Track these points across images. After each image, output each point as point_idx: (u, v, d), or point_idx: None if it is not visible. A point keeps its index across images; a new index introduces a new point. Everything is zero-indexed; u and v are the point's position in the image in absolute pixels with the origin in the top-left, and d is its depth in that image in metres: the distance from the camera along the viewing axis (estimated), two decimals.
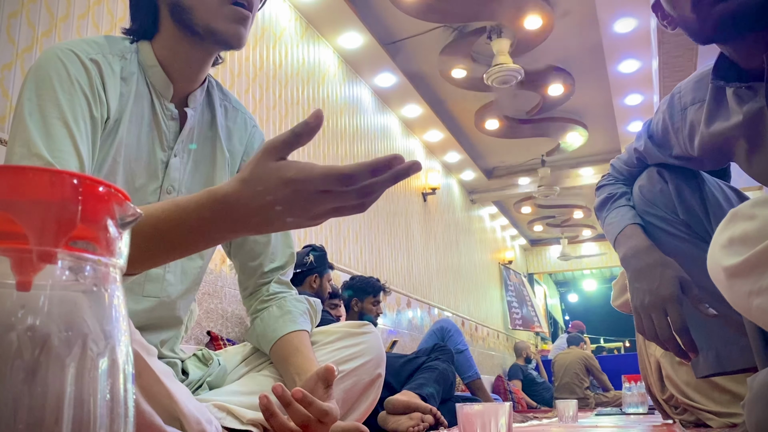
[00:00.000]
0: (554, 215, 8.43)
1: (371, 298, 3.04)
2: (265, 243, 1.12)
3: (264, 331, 1.08)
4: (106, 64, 0.92)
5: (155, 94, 0.98)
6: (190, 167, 1.02)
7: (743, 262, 0.74)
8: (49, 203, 0.27)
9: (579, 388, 5.56)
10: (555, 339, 8.97)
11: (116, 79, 0.93)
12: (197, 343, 2.33)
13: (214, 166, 1.06)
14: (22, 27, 1.86)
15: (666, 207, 1.27)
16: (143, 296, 0.97)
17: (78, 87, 0.87)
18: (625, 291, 2.12)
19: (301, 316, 1.10)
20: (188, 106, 1.01)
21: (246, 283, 1.14)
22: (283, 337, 1.05)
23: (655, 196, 1.29)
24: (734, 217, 0.80)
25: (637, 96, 4.87)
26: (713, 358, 1.21)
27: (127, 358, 0.30)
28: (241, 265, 1.14)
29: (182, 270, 1.03)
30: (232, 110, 1.12)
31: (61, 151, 0.82)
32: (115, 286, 0.30)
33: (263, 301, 1.12)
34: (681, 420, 1.89)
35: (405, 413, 2.08)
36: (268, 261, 1.12)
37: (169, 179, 0.99)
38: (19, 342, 0.26)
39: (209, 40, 0.95)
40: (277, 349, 1.05)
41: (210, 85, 1.08)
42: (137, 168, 0.95)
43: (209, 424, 0.81)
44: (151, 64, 0.98)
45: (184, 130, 1.01)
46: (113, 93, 0.92)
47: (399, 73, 4.31)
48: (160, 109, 0.98)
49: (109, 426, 0.28)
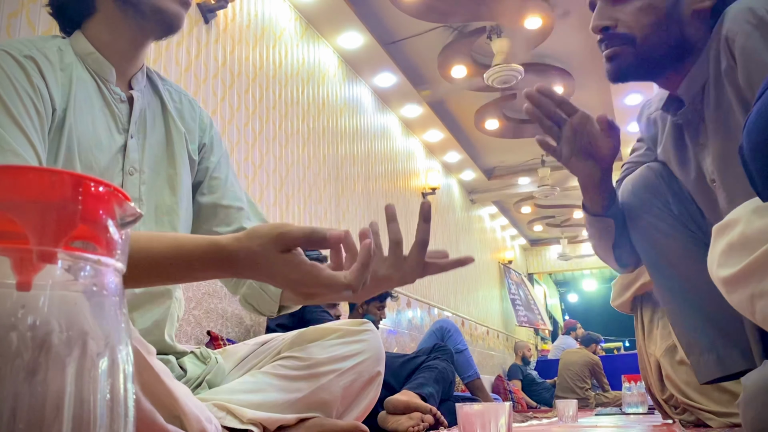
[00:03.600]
0: (554, 215, 8.43)
1: (377, 303, 3.04)
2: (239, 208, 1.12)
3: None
4: (42, 58, 0.91)
5: (99, 79, 0.99)
6: (148, 147, 1.04)
7: (744, 268, 0.75)
8: (49, 203, 0.27)
9: (580, 388, 5.56)
10: (555, 339, 8.96)
11: (55, 70, 0.93)
12: (197, 342, 2.33)
13: (171, 143, 1.08)
14: (22, 27, 1.86)
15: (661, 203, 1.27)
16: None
17: (18, 85, 0.86)
18: (624, 291, 2.13)
19: None
20: (133, 89, 1.03)
21: None
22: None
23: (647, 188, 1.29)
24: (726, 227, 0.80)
25: (637, 96, 4.87)
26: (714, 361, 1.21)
27: (127, 357, 0.30)
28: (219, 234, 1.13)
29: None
30: (175, 93, 1.14)
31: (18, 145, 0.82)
32: (115, 285, 0.30)
33: None
34: (681, 420, 1.89)
35: (405, 413, 2.08)
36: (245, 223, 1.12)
37: (130, 160, 1.00)
38: (19, 342, 0.26)
39: (153, 18, 0.96)
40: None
41: (149, 71, 1.10)
42: (98, 153, 0.95)
43: (209, 423, 0.81)
44: (88, 52, 0.98)
45: (134, 112, 1.02)
46: (54, 84, 0.91)
47: (399, 73, 4.31)
48: (108, 94, 0.99)
49: (109, 426, 0.28)
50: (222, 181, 1.14)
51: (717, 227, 0.83)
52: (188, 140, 1.11)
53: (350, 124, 4.12)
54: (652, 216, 1.28)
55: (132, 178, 1.00)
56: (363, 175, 4.22)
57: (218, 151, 1.17)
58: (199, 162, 1.14)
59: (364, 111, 4.38)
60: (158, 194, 1.04)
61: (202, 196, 1.13)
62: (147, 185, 1.02)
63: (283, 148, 3.20)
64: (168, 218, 1.04)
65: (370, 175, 4.36)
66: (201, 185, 1.13)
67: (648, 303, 2.09)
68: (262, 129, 3.03)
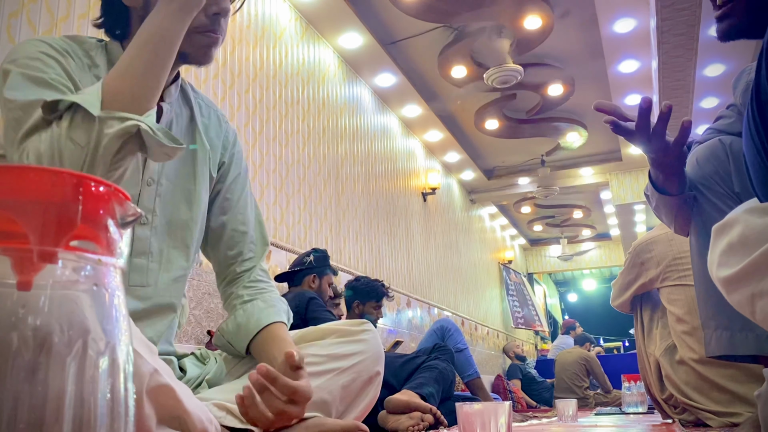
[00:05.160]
0: (554, 215, 8.43)
1: (374, 303, 3.04)
2: (243, 232, 1.16)
3: (247, 321, 1.09)
4: (76, 57, 0.93)
5: None
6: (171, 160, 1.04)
7: (744, 268, 0.75)
8: (49, 203, 0.27)
9: (578, 387, 5.56)
10: (555, 339, 8.97)
11: (84, 72, 0.94)
12: (197, 342, 2.34)
13: (195, 158, 1.08)
14: (23, 27, 1.86)
15: (721, 180, 1.24)
16: (129, 285, 0.97)
17: (59, 64, 0.89)
18: (624, 291, 2.13)
19: (285, 312, 1.13)
20: (164, 101, 1.03)
21: (224, 273, 1.17)
22: (269, 326, 1.08)
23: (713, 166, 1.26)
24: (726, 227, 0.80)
25: (637, 96, 4.86)
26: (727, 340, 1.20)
27: (128, 357, 0.30)
28: (221, 256, 1.16)
29: (167, 259, 1.03)
30: (205, 107, 1.15)
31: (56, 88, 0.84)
32: (115, 285, 0.30)
33: (246, 287, 1.14)
34: (680, 419, 1.89)
35: (405, 413, 2.08)
36: (246, 249, 1.16)
37: (149, 171, 1.01)
38: (20, 341, 0.26)
39: (178, 60, 0.97)
40: (261, 338, 1.07)
41: (183, 82, 1.10)
42: None
43: (210, 424, 0.81)
44: None
45: (161, 124, 1.02)
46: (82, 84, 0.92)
47: (399, 73, 4.31)
48: None
49: (109, 425, 0.28)
50: (233, 203, 1.16)
51: (716, 227, 0.83)
52: (211, 158, 1.11)
53: (350, 124, 4.12)
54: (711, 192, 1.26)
55: (149, 189, 1.01)
56: (363, 175, 4.22)
57: (236, 169, 1.18)
58: (217, 180, 1.15)
59: (364, 111, 4.38)
60: (174, 207, 1.04)
61: (214, 215, 1.15)
62: (162, 197, 1.02)
63: (283, 148, 3.20)
64: (181, 233, 1.05)
65: (370, 175, 4.36)
66: (213, 204, 1.15)
67: (648, 303, 2.10)
68: (262, 129, 3.03)
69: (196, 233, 1.07)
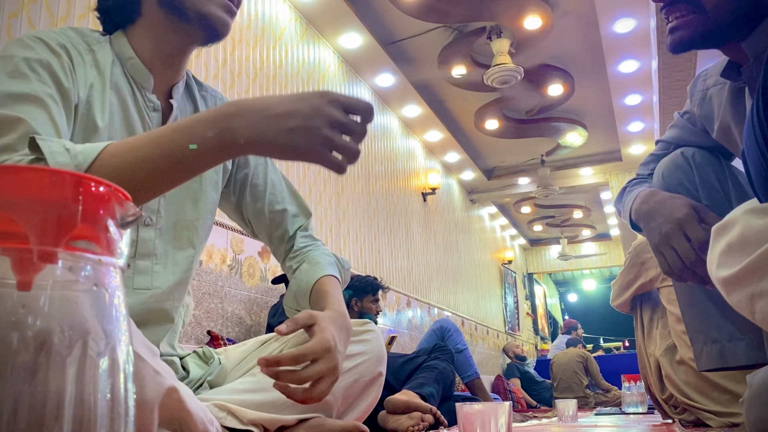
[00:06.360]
0: (554, 215, 8.43)
1: (370, 297, 3.04)
2: (282, 210, 1.17)
3: (299, 288, 1.12)
4: (75, 52, 0.91)
5: (136, 85, 0.98)
6: None
7: (743, 268, 0.75)
8: (49, 203, 0.27)
9: (578, 386, 5.57)
10: (554, 339, 8.97)
11: (85, 68, 0.92)
12: (197, 342, 2.33)
13: None
14: (23, 27, 1.86)
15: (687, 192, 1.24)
16: (133, 289, 0.96)
17: (47, 70, 0.86)
18: (624, 291, 2.13)
19: (329, 265, 1.15)
20: (172, 98, 1.02)
21: (278, 251, 1.20)
22: (315, 284, 1.10)
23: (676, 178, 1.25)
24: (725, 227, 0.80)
25: (637, 96, 4.87)
26: (717, 353, 1.20)
27: (128, 357, 0.30)
28: (269, 237, 1.19)
29: (173, 261, 1.02)
30: (210, 98, 1.13)
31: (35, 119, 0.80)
32: (115, 285, 0.30)
33: (293, 258, 1.17)
34: (680, 419, 1.89)
35: (405, 413, 2.08)
36: (290, 225, 1.18)
37: None
38: (20, 342, 0.26)
39: (199, 24, 0.95)
40: (312, 300, 1.09)
41: (188, 77, 1.09)
42: None
43: (211, 425, 0.81)
44: (128, 57, 0.97)
45: (168, 122, 1.01)
46: (82, 81, 0.91)
47: (399, 73, 4.31)
48: (142, 101, 0.98)
49: (109, 425, 0.28)
50: (262, 187, 1.16)
51: (716, 227, 0.83)
52: None
53: None
54: None
55: None
56: (363, 175, 4.22)
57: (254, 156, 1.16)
58: (236, 172, 1.15)
59: None
60: (179, 207, 1.03)
61: (249, 204, 1.16)
62: (167, 198, 1.00)
63: None
64: (188, 233, 1.04)
65: (370, 175, 4.36)
66: (244, 194, 1.15)
67: (648, 303, 2.10)
68: None
69: (202, 233, 1.06)
